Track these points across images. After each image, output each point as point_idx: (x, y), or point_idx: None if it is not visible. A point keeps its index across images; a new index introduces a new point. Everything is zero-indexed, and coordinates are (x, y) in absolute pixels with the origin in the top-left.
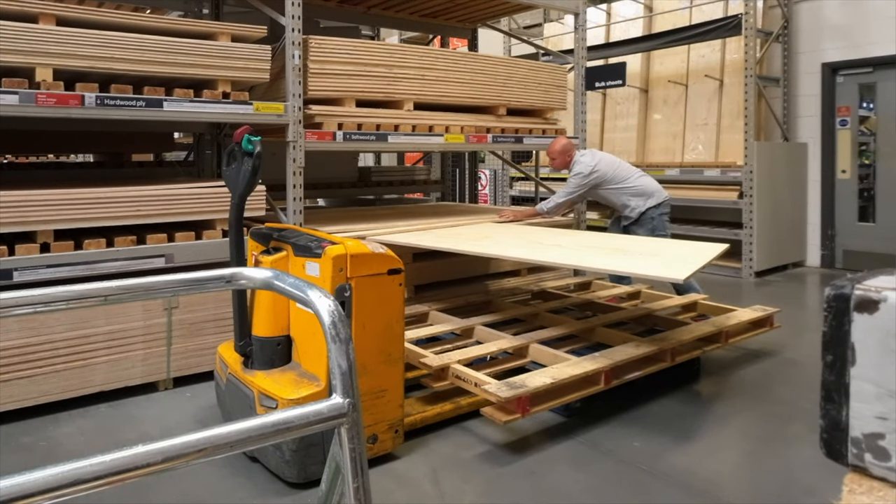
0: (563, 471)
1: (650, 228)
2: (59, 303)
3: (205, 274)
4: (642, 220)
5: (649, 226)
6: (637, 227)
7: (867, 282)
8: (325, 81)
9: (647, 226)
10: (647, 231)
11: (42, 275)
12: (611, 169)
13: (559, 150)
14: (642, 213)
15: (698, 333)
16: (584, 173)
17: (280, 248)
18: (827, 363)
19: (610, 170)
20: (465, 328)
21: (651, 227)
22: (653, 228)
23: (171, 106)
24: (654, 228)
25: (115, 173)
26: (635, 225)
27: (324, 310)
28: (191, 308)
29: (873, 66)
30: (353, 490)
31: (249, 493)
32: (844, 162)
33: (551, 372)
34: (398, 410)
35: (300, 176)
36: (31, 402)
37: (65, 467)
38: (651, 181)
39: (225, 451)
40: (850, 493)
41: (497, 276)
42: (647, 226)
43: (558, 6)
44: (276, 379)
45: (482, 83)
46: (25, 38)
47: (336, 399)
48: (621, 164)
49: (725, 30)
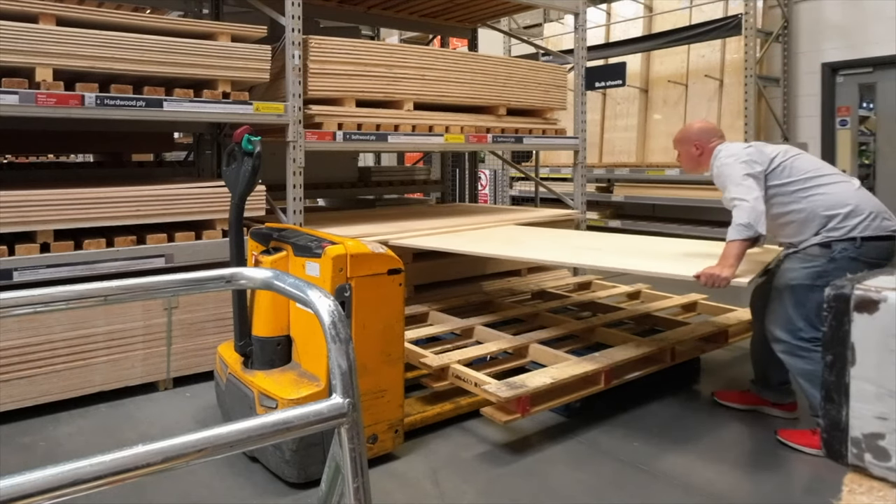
0: (563, 471)
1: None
2: (59, 303)
3: (205, 274)
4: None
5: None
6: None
7: (867, 282)
8: (325, 81)
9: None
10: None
11: (42, 275)
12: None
13: (681, 140)
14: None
15: (698, 333)
16: (736, 155)
17: (280, 248)
18: (827, 363)
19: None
20: (465, 328)
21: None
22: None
23: (171, 106)
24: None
25: (115, 173)
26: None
27: (324, 310)
28: (191, 308)
29: (873, 66)
30: (353, 490)
31: (249, 493)
32: (844, 162)
33: (551, 372)
34: (398, 410)
35: (300, 176)
36: (31, 402)
37: (65, 467)
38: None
39: (225, 451)
40: (850, 493)
41: (497, 275)
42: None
43: (558, 6)
44: (276, 379)
45: (482, 83)
46: (25, 38)
47: (336, 399)
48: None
49: (725, 30)
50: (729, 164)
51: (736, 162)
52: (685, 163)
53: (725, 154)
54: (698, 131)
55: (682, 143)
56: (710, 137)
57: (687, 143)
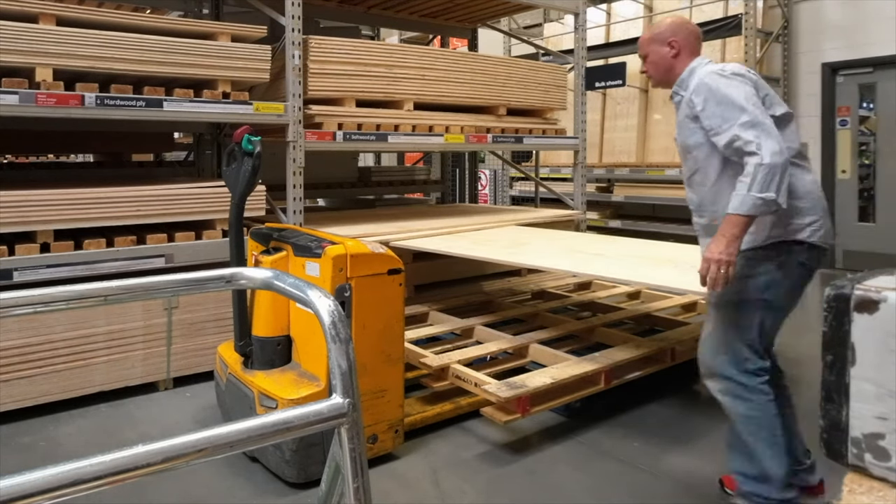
0: (562, 471)
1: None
2: (59, 303)
3: (205, 274)
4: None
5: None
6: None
7: (867, 282)
8: (325, 81)
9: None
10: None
11: (42, 275)
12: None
13: (653, 38)
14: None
15: (698, 333)
16: (741, 73)
17: (280, 248)
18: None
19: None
20: (465, 328)
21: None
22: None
23: (171, 106)
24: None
25: (116, 173)
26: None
27: (324, 310)
28: (191, 308)
29: (873, 66)
30: (353, 490)
31: (249, 493)
32: (844, 162)
33: (551, 372)
34: (398, 410)
35: (300, 176)
36: (31, 402)
37: (65, 467)
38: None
39: (225, 451)
40: (850, 493)
41: (497, 276)
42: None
43: (558, 6)
44: (276, 379)
45: (482, 83)
46: (25, 38)
47: (336, 399)
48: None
49: (725, 30)
50: (727, 82)
51: (733, 78)
52: (655, 70)
53: (713, 68)
54: (672, 26)
55: (653, 42)
56: (689, 38)
57: (659, 41)
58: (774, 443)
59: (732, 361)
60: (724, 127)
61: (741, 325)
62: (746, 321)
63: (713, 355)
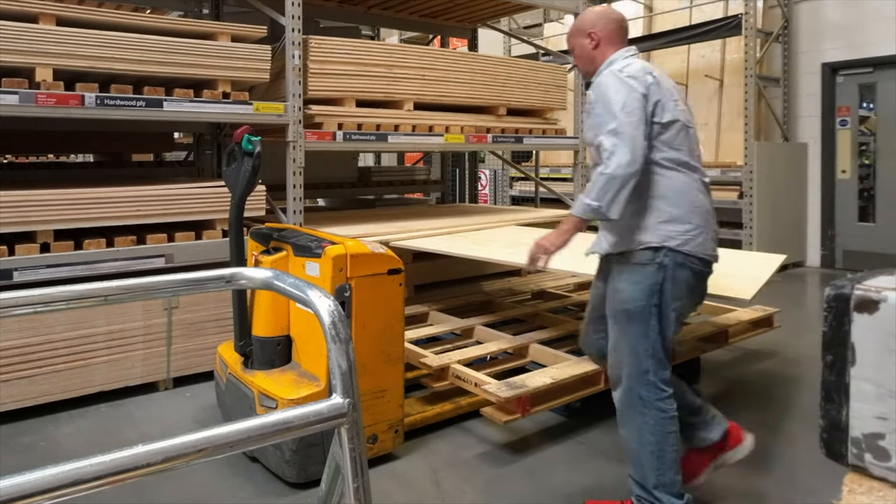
0: (563, 471)
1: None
2: (59, 303)
3: (205, 274)
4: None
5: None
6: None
7: (867, 282)
8: (325, 81)
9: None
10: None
11: (42, 275)
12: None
13: (575, 30)
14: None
15: (698, 333)
16: (637, 77)
17: (280, 248)
18: (827, 363)
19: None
20: (465, 328)
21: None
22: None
23: (171, 106)
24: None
25: (116, 173)
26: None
27: (324, 310)
28: (191, 308)
29: (873, 66)
30: (353, 490)
31: (249, 493)
32: (844, 162)
33: (551, 372)
34: (398, 410)
35: (300, 176)
36: (31, 402)
37: (65, 467)
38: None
39: (225, 451)
40: (850, 493)
41: (497, 276)
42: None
43: (558, 6)
44: (276, 379)
45: (482, 83)
46: (25, 38)
47: (336, 399)
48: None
49: (725, 30)
50: (617, 86)
51: (626, 81)
52: (581, 63)
53: (617, 66)
54: (592, 16)
55: (577, 34)
56: (608, 28)
57: (581, 33)
58: (660, 456)
59: (634, 373)
60: (598, 131)
61: (637, 334)
62: (641, 329)
63: (617, 366)
